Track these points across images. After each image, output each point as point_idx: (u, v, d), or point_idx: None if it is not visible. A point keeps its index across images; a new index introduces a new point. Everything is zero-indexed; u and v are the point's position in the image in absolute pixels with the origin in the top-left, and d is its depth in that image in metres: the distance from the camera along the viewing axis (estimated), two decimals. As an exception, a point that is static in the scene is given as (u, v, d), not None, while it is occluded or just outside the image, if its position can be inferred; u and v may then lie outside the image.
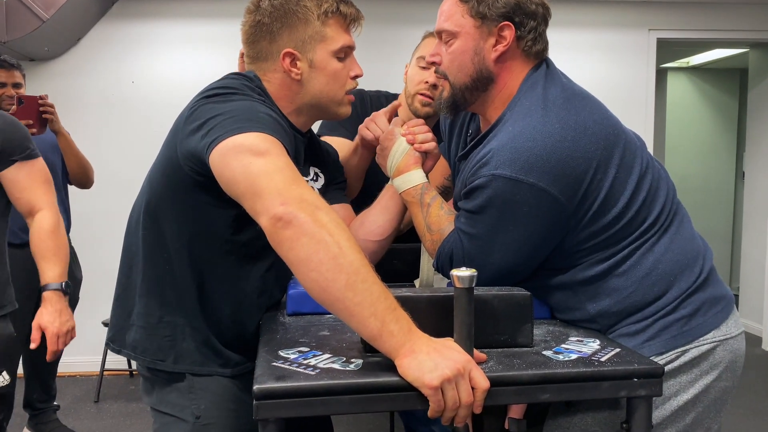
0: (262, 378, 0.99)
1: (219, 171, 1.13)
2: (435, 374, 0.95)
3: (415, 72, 1.92)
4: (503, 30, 1.30)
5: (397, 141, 1.47)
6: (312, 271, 0.99)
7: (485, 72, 1.33)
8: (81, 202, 3.41)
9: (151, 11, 4.25)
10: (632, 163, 1.28)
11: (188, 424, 1.32)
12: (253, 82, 1.35)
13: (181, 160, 1.24)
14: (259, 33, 1.37)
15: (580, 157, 1.22)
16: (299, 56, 1.36)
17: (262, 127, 1.15)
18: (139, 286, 1.34)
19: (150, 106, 4.19)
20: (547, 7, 1.34)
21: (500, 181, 1.21)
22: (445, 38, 1.36)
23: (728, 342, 1.29)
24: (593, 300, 1.29)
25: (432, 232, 1.38)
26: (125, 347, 1.37)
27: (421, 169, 1.45)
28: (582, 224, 1.26)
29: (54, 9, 3.65)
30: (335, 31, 1.37)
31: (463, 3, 1.32)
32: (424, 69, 1.89)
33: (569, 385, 1.05)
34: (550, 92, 1.29)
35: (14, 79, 2.69)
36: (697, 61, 6.35)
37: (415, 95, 1.90)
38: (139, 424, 3.43)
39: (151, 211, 1.32)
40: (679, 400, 1.27)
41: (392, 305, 1.00)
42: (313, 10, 1.35)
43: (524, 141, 1.21)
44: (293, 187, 1.05)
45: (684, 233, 1.33)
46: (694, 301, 1.28)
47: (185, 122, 1.24)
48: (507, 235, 1.25)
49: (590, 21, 4.54)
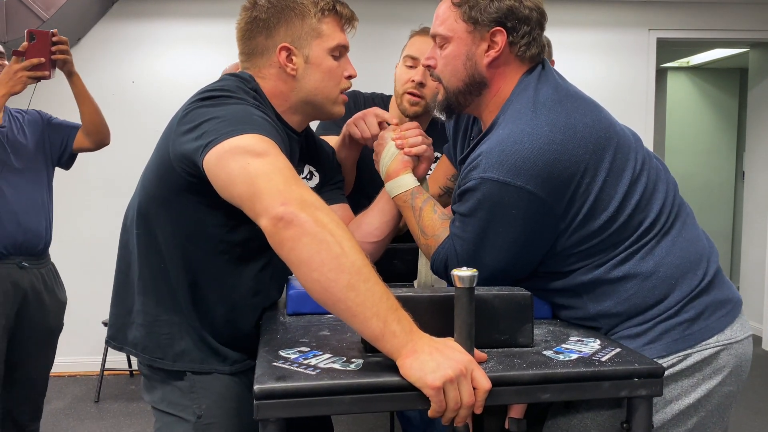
0: (262, 378, 0.99)
1: (215, 173, 1.13)
2: (437, 374, 0.95)
3: (402, 71, 1.92)
4: (495, 35, 1.30)
5: (387, 146, 1.48)
6: (314, 271, 0.99)
7: (478, 77, 1.33)
8: (80, 200, 3.41)
9: (151, 11, 4.25)
10: (624, 166, 1.27)
11: (190, 424, 1.32)
12: (249, 84, 1.35)
13: (173, 161, 1.24)
14: (255, 28, 1.38)
15: (569, 160, 1.21)
16: (295, 51, 1.36)
17: (257, 129, 1.15)
18: (137, 284, 1.35)
19: (150, 106, 4.19)
20: (542, 11, 1.33)
21: (489, 184, 1.21)
22: (439, 42, 1.36)
23: (733, 346, 1.28)
24: (594, 301, 1.29)
25: (426, 236, 1.38)
26: (127, 344, 1.38)
27: (410, 173, 1.45)
28: (572, 227, 1.25)
29: (54, 9, 3.65)
30: (331, 29, 1.38)
31: (456, 7, 1.31)
32: (410, 68, 1.88)
33: (570, 385, 1.05)
34: (541, 94, 1.28)
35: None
36: (697, 60, 6.35)
37: (403, 95, 1.90)
38: (139, 424, 3.43)
39: (144, 212, 1.32)
40: (681, 404, 1.26)
41: (394, 305, 1.00)
42: (310, 7, 1.36)
43: (512, 144, 1.21)
44: (293, 188, 1.05)
45: (687, 235, 1.32)
46: (697, 304, 1.27)
47: (178, 123, 1.24)
48: (497, 237, 1.25)
49: (590, 21, 4.54)
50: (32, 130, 2.45)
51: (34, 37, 2.20)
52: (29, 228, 2.33)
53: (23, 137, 2.40)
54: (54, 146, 2.49)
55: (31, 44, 2.18)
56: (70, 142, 2.52)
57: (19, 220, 2.30)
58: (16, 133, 2.38)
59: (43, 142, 2.47)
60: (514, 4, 1.28)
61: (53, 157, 2.51)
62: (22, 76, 2.16)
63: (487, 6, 1.28)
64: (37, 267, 2.39)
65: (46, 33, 2.21)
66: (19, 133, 2.39)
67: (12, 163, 2.33)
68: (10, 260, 2.31)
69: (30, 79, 2.18)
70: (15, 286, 2.32)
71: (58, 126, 2.52)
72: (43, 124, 2.49)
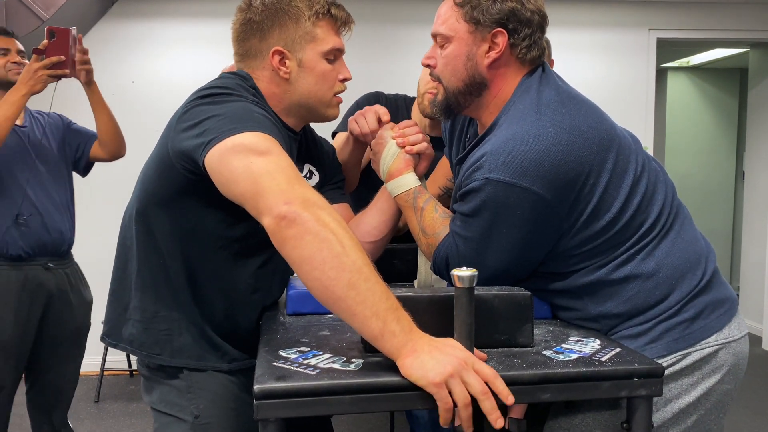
0: (262, 378, 0.99)
1: (217, 171, 1.13)
2: (437, 371, 0.95)
3: (425, 72, 1.91)
4: (496, 37, 1.30)
5: (387, 144, 1.47)
6: (315, 269, 0.99)
7: (478, 77, 1.33)
8: (79, 200, 3.39)
9: (151, 11, 4.25)
10: (626, 168, 1.27)
11: (187, 424, 1.32)
12: (247, 82, 1.36)
13: (173, 158, 1.24)
14: (249, 31, 1.38)
15: (574, 161, 1.21)
16: (288, 55, 1.36)
17: (259, 127, 1.15)
18: (134, 281, 1.35)
19: (150, 105, 4.19)
20: (543, 14, 1.33)
21: (494, 185, 1.21)
22: (440, 42, 1.35)
23: (731, 345, 1.29)
24: (595, 302, 1.29)
25: (427, 235, 1.38)
26: (122, 341, 1.38)
27: (413, 173, 1.45)
28: (575, 229, 1.25)
29: (54, 9, 3.65)
30: (325, 33, 1.38)
31: (458, 7, 1.31)
32: None
33: (570, 385, 1.05)
34: (544, 95, 1.28)
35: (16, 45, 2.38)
36: (697, 60, 6.35)
37: (424, 94, 1.89)
38: (139, 424, 3.43)
39: (143, 209, 1.32)
40: (681, 403, 1.26)
41: (394, 305, 1.00)
42: (305, 11, 1.36)
43: (518, 144, 1.21)
44: (296, 187, 1.05)
45: (685, 236, 1.32)
46: (696, 304, 1.28)
47: (178, 121, 1.25)
48: (501, 237, 1.25)
49: (590, 21, 4.54)
50: (54, 132, 2.46)
51: (54, 34, 2.13)
52: (54, 229, 2.34)
53: (46, 139, 2.41)
54: (72, 151, 2.51)
55: (51, 42, 2.12)
56: (87, 149, 2.52)
57: (44, 221, 2.31)
58: (38, 134, 2.40)
59: (64, 145, 2.48)
60: (516, 6, 1.28)
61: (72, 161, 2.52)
62: (42, 74, 2.12)
63: (489, 7, 1.28)
64: (62, 267, 2.41)
65: (66, 30, 2.15)
66: (42, 135, 2.40)
67: (36, 165, 2.34)
68: (36, 261, 2.32)
69: (50, 78, 2.14)
70: (40, 287, 2.33)
71: (77, 132, 2.53)
72: (64, 128, 2.51)
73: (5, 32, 2.40)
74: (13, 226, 2.24)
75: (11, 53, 2.34)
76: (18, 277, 2.28)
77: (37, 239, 2.30)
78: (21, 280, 2.28)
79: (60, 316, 2.40)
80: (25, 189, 2.28)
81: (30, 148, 2.35)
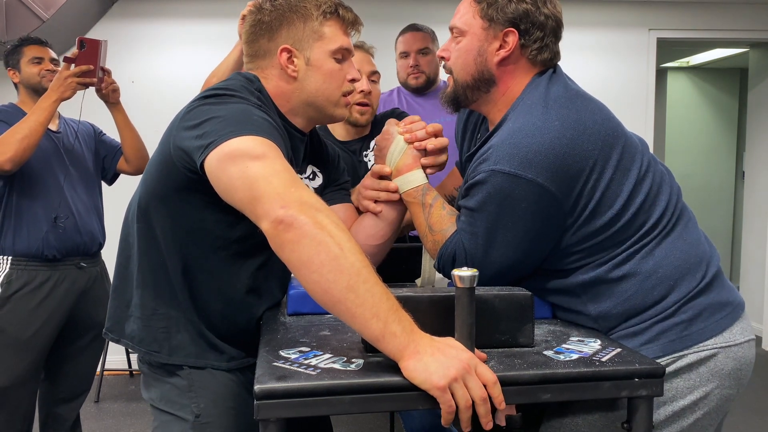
0: (262, 378, 0.99)
1: (215, 177, 1.14)
2: (441, 374, 0.95)
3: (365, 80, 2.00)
4: (507, 36, 1.33)
5: (394, 140, 1.47)
6: (313, 273, 0.99)
7: (487, 74, 1.35)
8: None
9: (151, 11, 4.25)
10: (630, 166, 1.28)
11: (188, 423, 1.33)
12: (253, 84, 1.36)
13: (174, 156, 1.25)
14: (259, 31, 1.39)
15: (578, 155, 1.22)
16: (296, 53, 1.37)
17: (256, 130, 1.15)
18: (136, 278, 1.36)
19: (150, 106, 4.19)
20: (558, 20, 1.35)
21: (499, 177, 1.22)
22: (455, 35, 1.39)
23: (731, 349, 1.27)
24: (594, 302, 1.29)
25: (434, 232, 1.38)
26: (124, 337, 1.39)
27: (420, 169, 1.45)
28: (577, 224, 1.26)
29: (54, 9, 3.65)
30: (333, 32, 1.39)
31: (476, 4, 1.35)
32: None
33: (570, 385, 1.05)
34: (552, 91, 1.30)
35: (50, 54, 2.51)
36: (697, 60, 6.36)
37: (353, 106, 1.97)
38: (139, 424, 3.43)
39: (144, 206, 1.33)
40: (676, 406, 1.26)
41: (394, 306, 1.00)
42: (312, 10, 1.37)
43: (523, 137, 1.22)
44: (292, 190, 1.05)
45: (688, 237, 1.32)
46: (694, 306, 1.27)
47: (181, 119, 1.25)
48: (506, 231, 1.25)
49: (590, 21, 4.54)
50: (86, 139, 2.58)
51: (84, 45, 2.28)
52: (87, 231, 2.45)
53: (78, 145, 2.52)
54: (100, 160, 2.63)
55: (81, 52, 2.27)
56: (115, 161, 2.65)
57: (78, 223, 2.41)
58: (71, 140, 2.51)
59: (94, 153, 2.61)
60: (531, 8, 1.32)
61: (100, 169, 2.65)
62: (72, 82, 2.25)
63: (505, 6, 1.32)
64: (93, 266, 2.52)
65: (97, 42, 2.30)
66: (74, 140, 2.51)
67: (69, 169, 2.44)
68: (70, 261, 2.42)
69: (79, 86, 2.27)
70: (73, 285, 2.43)
71: (106, 143, 2.66)
72: (96, 137, 2.64)
73: (40, 41, 2.53)
74: (51, 229, 2.34)
75: (45, 61, 2.48)
76: (53, 276, 2.38)
77: (71, 241, 2.40)
78: (55, 280, 2.38)
79: (86, 312, 2.49)
80: (63, 191, 2.39)
81: (64, 152, 2.46)
